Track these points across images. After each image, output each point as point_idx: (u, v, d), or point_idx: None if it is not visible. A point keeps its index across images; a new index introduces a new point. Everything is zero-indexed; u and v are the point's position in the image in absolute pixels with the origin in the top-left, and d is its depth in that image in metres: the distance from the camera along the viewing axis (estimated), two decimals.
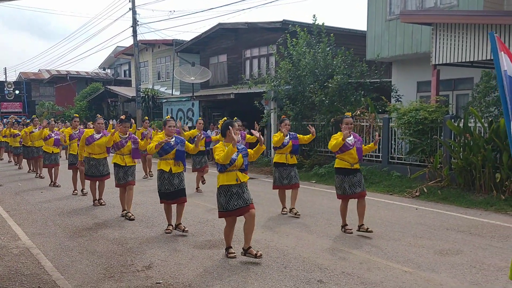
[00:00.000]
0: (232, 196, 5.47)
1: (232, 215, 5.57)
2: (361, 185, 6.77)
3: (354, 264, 5.40)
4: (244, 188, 5.57)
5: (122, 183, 7.96)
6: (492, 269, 5.20)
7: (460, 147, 9.72)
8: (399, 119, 11.09)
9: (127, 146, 7.97)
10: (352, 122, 6.89)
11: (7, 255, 5.86)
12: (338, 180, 6.84)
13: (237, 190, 5.49)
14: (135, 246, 6.21)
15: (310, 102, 13.69)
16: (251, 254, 5.49)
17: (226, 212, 5.52)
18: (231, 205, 5.47)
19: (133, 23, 23.66)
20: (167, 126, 6.78)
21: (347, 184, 6.72)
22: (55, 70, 39.65)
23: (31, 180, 13.04)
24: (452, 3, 12.44)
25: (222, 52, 22.56)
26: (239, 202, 5.47)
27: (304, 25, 15.33)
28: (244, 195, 5.51)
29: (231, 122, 5.61)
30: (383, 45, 14.30)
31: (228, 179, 5.48)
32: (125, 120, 8.18)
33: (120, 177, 7.94)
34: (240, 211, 5.50)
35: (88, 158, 8.84)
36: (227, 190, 5.49)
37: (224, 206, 5.52)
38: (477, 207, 8.60)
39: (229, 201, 5.47)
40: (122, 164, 7.93)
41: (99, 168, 8.83)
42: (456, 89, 13.51)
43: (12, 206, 9.15)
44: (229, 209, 5.49)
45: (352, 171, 6.74)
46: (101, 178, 8.94)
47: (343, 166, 6.78)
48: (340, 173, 6.80)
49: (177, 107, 21.61)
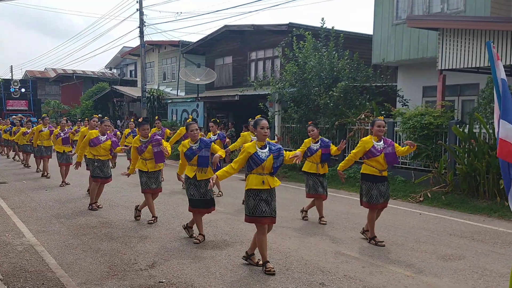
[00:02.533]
0: (261, 202, 5.06)
1: (258, 222, 5.11)
2: (385, 196, 6.36)
3: (356, 267, 5.41)
4: (273, 196, 5.17)
5: (146, 189, 7.49)
6: (494, 275, 5.19)
7: (464, 153, 9.70)
8: (404, 123, 11.09)
9: (148, 150, 7.37)
10: (385, 125, 6.38)
11: (11, 252, 5.91)
12: (366, 187, 6.35)
13: (266, 197, 5.08)
14: (138, 245, 6.24)
15: (314, 105, 13.71)
16: (252, 261, 5.41)
17: (253, 217, 5.11)
18: (259, 211, 5.06)
19: (140, 23, 23.77)
20: (189, 130, 6.34)
21: (375, 192, 6.27)
22: (61, 69, 39.87)
23: (37, 178, 13.11)
24: (459, 8, 12.44)
25: (228, 54, 22.63)
26: (267, 209, 5.08)
27: (310, 28, 15.38)
28: (272, 204, 5.12)
29: (257, 120, 5.17)
30: (389, 49, 14.30)
31: (256, 182, 5.05)
32: (143, 122, 7.47)
33: (142, 182, 7.50)
34: (267, 220, 5.11)
35: (93, 159, 8.66)
36: (256, 195, 5.08)
37: (251, 210, 5.10)
38: (481, 213, 8.58)
39: (257, 206, 5.06)
40: (144, 169, 7.43)
41: (103, 169, 8.66)
42: (462, 94, 13.50)
43: (16, 203, 9.21)
44: (256, 214, 5.08)
45: (380, 178, 6.30)
46: (105, 180, 8.75)
47: (371, 172, 6.31)
48: (368, 180, 6.33)
49: (182, 108, 21.69)
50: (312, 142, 7.65)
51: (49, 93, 41.30)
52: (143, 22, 23.82)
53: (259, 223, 5.13)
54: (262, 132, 5.09)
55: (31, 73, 41.21)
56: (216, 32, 21.76)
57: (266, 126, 5.10)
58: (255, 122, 5.20)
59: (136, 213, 7.82)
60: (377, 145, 6.28)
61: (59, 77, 38.92)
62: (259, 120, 5.15)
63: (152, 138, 7.46)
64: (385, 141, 6.37)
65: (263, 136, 5.11)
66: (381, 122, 6.34)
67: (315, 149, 7.56)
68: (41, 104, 35.17)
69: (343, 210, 8.46)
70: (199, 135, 6.45)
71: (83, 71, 39.68)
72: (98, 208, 8.63)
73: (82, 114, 30.38)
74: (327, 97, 13.10)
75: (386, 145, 6.33)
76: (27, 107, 32.44)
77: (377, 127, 6.31)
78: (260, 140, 5.15)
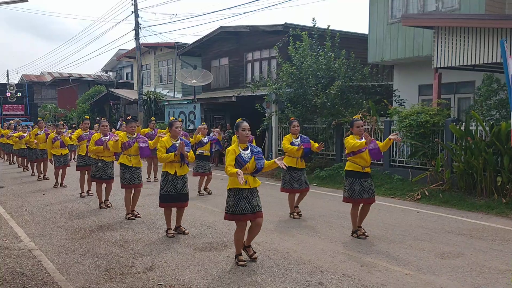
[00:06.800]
0: (241, 200, 5.31)
1: (237, 219, 5.39)
2: (370, 191, 6.62)
3: (354, 266, 5.41)
4: (254, 194, 5.41)
5: (127, 183, 7.92)
6: (492, 272, 5.20)
7: (461, 151, 9.72)
8: (401, 122, 11.10)
9: (134, 146, 7.91)
10: (363, 124, 6.68)
11: (9, 256, 5.89)
12: (348, 182, 6.68)
13: (247, 195, 5.33)
14: (136, 248, 6.23)
15: (311, 104, 13.72)
16: (248, 252, 5.52)
17: (232, 215, 5.39)
18: (239, 209, 5.31)
19: (136, 26, 23.74)
20: (174, 127, 6.75)
21: (357, 187, 6.58)
22: (57, 73, 39.84)
23: (33, 182, 13.08)
24: (454, 6, 12.46)
25: (224, 55, 22.62)
26: (247, 207, 5.32)
27: (306, 28, 15.37)
28: (253, 201, 5.35)
29: (239, 123, 5.45)
30: (385, 48, 14.32)
31: (237, 182, 5.22)
32: (131, 120, 8.17)
33: (125, 178, 7.90)
34: (247, 217, 5.37)
35: (96, 160, 8.91)
36: (237, 193, 5.33)
37: (231, 208, 5.37)
38: (478, 211, 8.60)
39: (237, 204, 5.31)
40: (128, 164, 7.89)
41: (106, 170, 8.91)
42: (458, 92, 13.52)
43: (14, 207, 9.18)
44: (236, 212, 5.34)
45: (363, 174, 6.60)
46: (108, 181, 9.01)
47: (353, 169, 6.63)
48: (351, 176, 6.66)
49: (179, 110, 21.65)
50: (293, 137, 7.99)
51: (46, 97, 41.21)
52: (138, 24, 23.78)
53: (238, 220, 5.39)
54: (244, 134, 5.38)
55: (27, 77, 41.13)
56: (212, 33, 21.74)
57: (247, 128, 5.40)
58: (236, 125, 5.48)
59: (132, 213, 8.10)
60: None
61: (55, 80, 38.86)
62: (240, 123, 5.46)
63: (138, 135, 8.07)
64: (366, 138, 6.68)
65: (245, 138, 5.40)
66: (359, 122, 6.67)
67: (297, 144, 7.85)
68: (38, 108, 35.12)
69: (340, 210, 8.46)
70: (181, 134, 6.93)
71: (79, 75, 39.65)
72: (107, 206, 9.05)
73: (78, 118, 30.32)
74: (324, 96, 13.10)
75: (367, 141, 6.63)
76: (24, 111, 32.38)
77: (357, 127, 6.63)
78: (242, 142, 5.43)
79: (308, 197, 10.28)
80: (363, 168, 6.61)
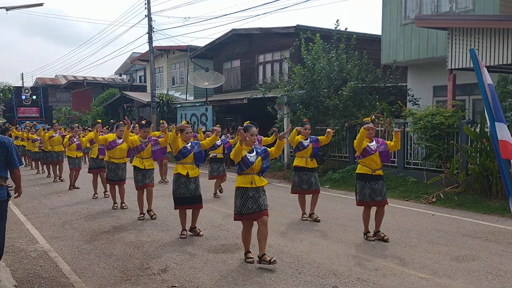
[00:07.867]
0: (248, 200, 5.47)
1: (245, 219, 5.58)
2: (382, 193, 6.63)
3: (369, 270, 5.37)
4: (261, 193, 5.55)
5: (140, 185, 8.12)
6: (508, 276, 5.13)
7: (476, 153, 9.61)
8: (415, 124, 11.01)
9: (147, 149, 8.11)
10: (373, 127, 6.73)
11: (25, 258, 5.97)
12: (359, 186, 6.71)
13: (253, 194, 5.48)
14: (151, 250, 6.27)
15: (324, 106, 13.68)
16: (265, 261, 5.43)
17: (240, 215, 5.57)
18: (245, 209, 5.48)
19: (149, 29, 23.93)
20: (185, 132, 6.87)
21: (367, 190, 6.60)
22: (72, 76, 40.26)
23: (49, 184, 13.24)
24: (468, 7, 12.34)
25: (236, 58, 22.68)
26: (254, 206, 5.47)
27: (318, 30, 15.36)
28: (260, 200, 5.49)
29: (247, 127, 5.60)
30: (398, 49, 14.23)
31: (244, 181, 5.50)
32: (145, 125, 8.32)
33: (138, 180, 8.12)
34: (254, 215, 5.51)
35: (108, 162, 9.17)
36: (243, 193, 5.50)
37: (238, 208, 5.54)
38: (494, 213, 8.49)
39: (244, 204, 5.48)
40: (141, 167, 8.09)
41: (118, 172, 9.11)
42: (473, 93, 13.36)
43: (29, 209, 9.31)
44: (243, 212, 5.52)
45: (373, 177, 6.62)
46: (120, 183, 9.19)
47: (364, 171, 6.67)
48: (361, 179, 6.69)
49: (191, 112, 21.75)
50: (302, 139, 8.07)
51: (60, 99, 41.67)
52: (151, 28, 23.96)
53: (245, 220, 5.58)
54: (252, 139, 5.55)
55: (42, 80, 41.63)
56: (224, 36, 21.82)
57: (255, 134, 5.56)
58: (245, 128, 5.58)
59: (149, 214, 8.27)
60: (370, 145, 6.67)
61: (69, 83, 39.30)
62: (249, 127, 5.60)
63: (150, 138, 8.27)
64: (377, 141, 6.78)
65: (252, 142, 5.56)
66: (369, 125, 6.64)
67: (306, 145, 7.99)
68: (53, 110, 35.52)
69: (354, 212, 8.41)
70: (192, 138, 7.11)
71: (94, 78, 40.03)
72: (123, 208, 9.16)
73: (93, 120, 30.62)
74: (337, 98, 13.06)
75: (379, 144, 6.73)
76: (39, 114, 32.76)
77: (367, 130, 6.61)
78: (248, 146, 5.58)
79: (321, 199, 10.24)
80: (373, 170, 6.64)
